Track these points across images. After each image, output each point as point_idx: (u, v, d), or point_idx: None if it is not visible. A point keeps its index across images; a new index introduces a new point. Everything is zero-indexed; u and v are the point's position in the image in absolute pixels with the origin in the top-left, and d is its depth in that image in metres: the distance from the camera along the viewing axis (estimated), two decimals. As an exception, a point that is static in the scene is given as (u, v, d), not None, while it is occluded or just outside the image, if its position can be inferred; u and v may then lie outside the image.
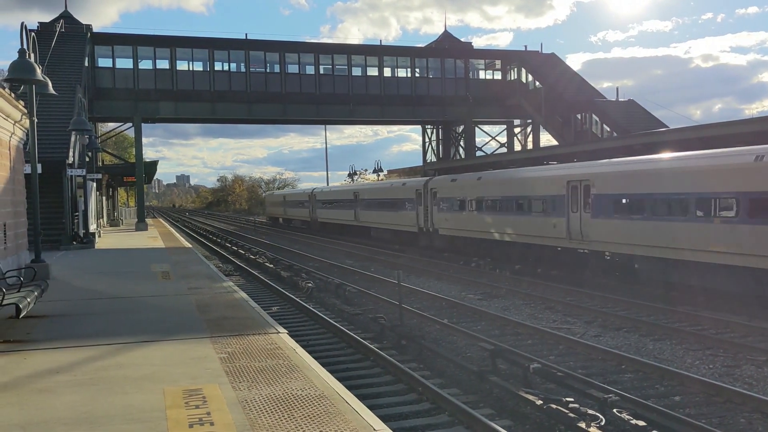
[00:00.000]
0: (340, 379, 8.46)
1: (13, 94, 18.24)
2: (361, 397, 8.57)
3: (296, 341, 10.22)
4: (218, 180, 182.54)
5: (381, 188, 41.76)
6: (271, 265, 27.67)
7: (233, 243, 41.65)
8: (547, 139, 54.41)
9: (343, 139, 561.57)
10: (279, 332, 10.52)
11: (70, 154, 29.83)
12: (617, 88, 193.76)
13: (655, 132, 28.82)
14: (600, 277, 21.40)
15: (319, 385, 7.52)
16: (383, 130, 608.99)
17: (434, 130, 59.12)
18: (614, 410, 8.82)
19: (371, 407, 7.79)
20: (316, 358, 9.62)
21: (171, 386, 7.43)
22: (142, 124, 47.15)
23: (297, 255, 34.62)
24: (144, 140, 47.22)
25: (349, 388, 8.32)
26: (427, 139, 59.96)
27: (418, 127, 61.25)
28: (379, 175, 68.41)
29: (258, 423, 6.22)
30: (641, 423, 8.50)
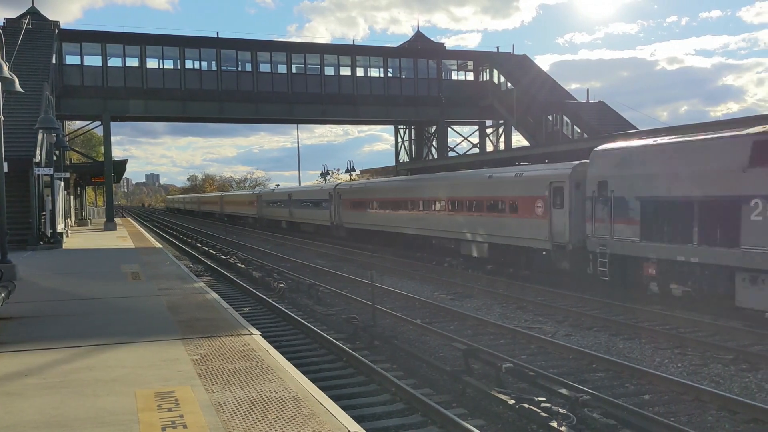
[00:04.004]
0: (313, 381, 8.44)
1: (-22, 92, 17.89)
2: (335, 398, 8.56)
3: (269, 342, 10.17)
4: (188, 179, 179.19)
5: (307, 191, 51.11)
6: (243, 266, 27.50)
7: (204, 243, 41.32)
8: (517, 140, 54.91)
9: (314, 139, 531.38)
10: (252, 333, 10.47)
11: (37, 152, 29.33)
12: (587, 90, 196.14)
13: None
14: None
15: (293, 386, 7.50)
16: (354, 130, 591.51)
17: (407, 130, 59.15)
18: (585, 409, 8.92)
19: (345, 408, 7.79)
20: (289, 360, 9.59)
21: (143, 389, 7.35)
22: (111, 123, 46.56)
23: (268, 255, 34.45)
24: (112, 138, 46.56)
25: (323, 389, 8.30)
26: (399, 139, 59.97)
27: (390, 127, 61.32)
28: (351, 175, 68.33)
29: (232, 425, 6.18)
30: (611, 422, 8.61)
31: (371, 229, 36.81)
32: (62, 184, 37.20)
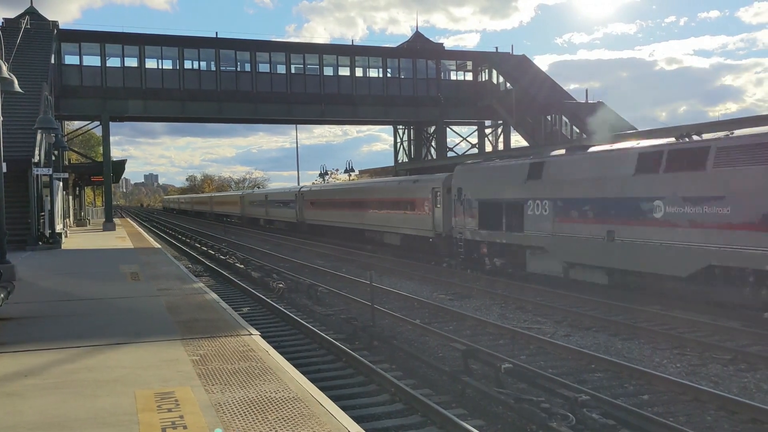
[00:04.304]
0: (313, 381, 8.45)
1: (-23, 92, 17.88)
2: (335, 399, 8.57)
3: (269, 343, 10.18)
4: (187, 179, 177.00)
5: (279, 192, 58.40)
6: (242, 266, 27.50)
7: (203, 243, 41.31)
8: (516, 140, 54.91)
9: (312, 139, 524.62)
10: (251, 334, 10.48)
11: (36, 152, 29.32)
12: (586, 90, 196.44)
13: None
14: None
15: (293, 387, 7.51)
16: (353, 130, 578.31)
17: (406, 131, 58.98)
18: (584, 409, 8.94)
19: (345, 409, 7.80)
20: (289, 360, 9.60)
21: (142, 389, 7.36)
22: (110, 123, 46.53)
23: (267, 255, 34.44)
24: (110, 138, 46.62)
25: (323, 389, 8.31)
26: (398, 139, 59.67)
27: (389, 127, 61.26)
28: (350, 175, 68.45)
29: (232, 426, 6.19)
30: (611, 422, 8.62)
31: (325, 224, 44.49)
32: (61, 184, 37.19)
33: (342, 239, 41.56)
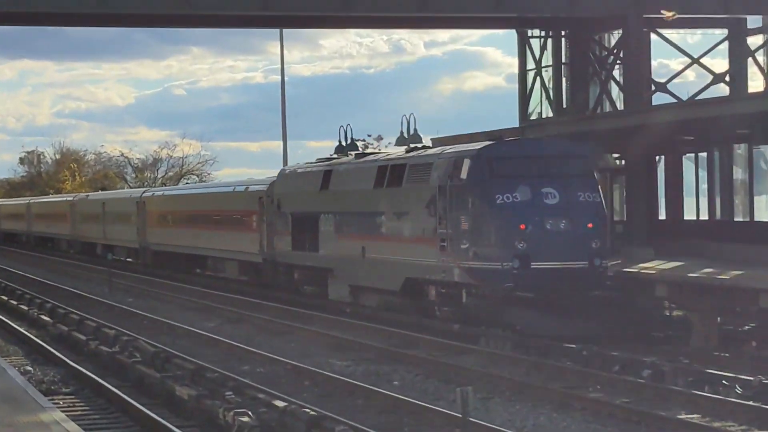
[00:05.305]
0: None
1: None
2: None
3: None
4: (21, 161, 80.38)
5: (118, 198, 41.49)
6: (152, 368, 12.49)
7: (43, 304, 21.33)
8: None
9: (320, 64, 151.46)
10: None
11: None
12: None
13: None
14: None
15: None
16: (414, 41, 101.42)
17: (549, 41, 25.52)
18: None
19: None
20: None
21: None
22: None
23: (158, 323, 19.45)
24: None
25: None
26: (532, 62, 25.91)
27: (506, 36, 34.86)
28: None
29: None
30: None
31: (170, 251, 32.22)
32: None
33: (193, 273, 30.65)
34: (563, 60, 25.23)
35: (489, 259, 14.70)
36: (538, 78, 25.47)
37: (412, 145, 20.01)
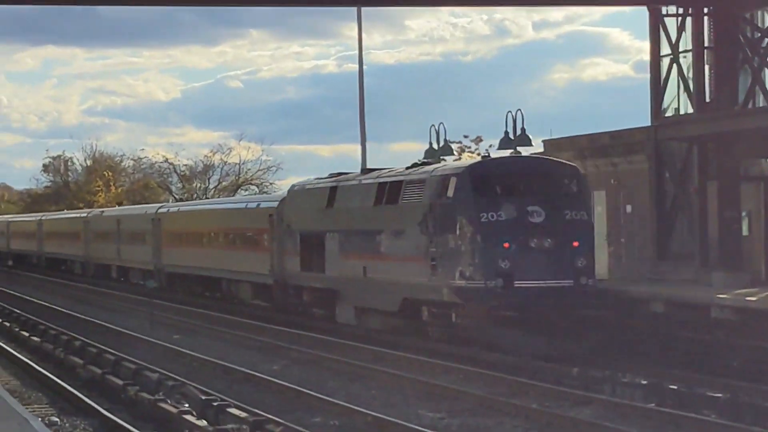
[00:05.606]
0: None
1: None
2: None
3: None
4: (45, 168, 69.46)
5: (133, 215, 38.94)
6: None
7: (71, 344, 18.30)
8: None
9: (406, 49, 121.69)
10: None
11: None
12: None
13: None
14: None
15: None
16: (520, 20, 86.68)
17: (684, 22, 20.39)
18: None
19: None
20: None
21: None
22: None
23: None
24: None
25: None
26: (666, 47, 20.92)
27: (633, 14, 33.94)
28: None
29: None
30: None
31: (185, 272, 30.81)
32: None
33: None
34: (706, 44, 20.21)
35: (473, 278, 14.73)
36: (674, 66, 20.51)
37: (421, 160, 19.64)
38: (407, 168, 19.02)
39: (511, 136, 17.80)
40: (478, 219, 14.79)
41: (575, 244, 14.72)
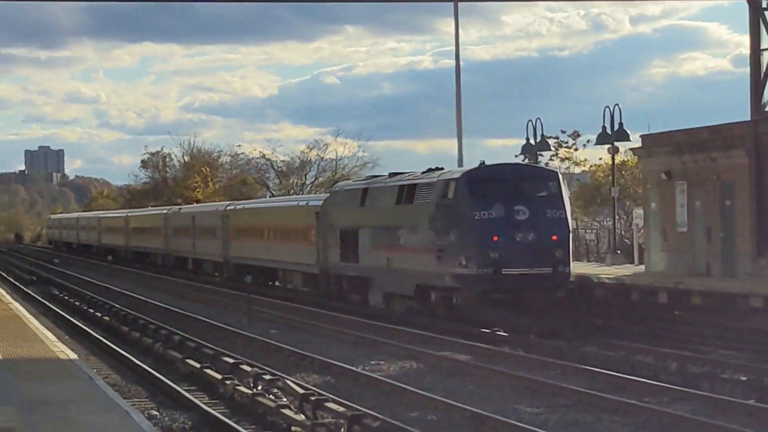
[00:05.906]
0: None
1: None
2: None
3: None
4: (144, 164, 71.47)
5: (205, 212, 42.37)
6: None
7: (165, 335, 18.72)
8: None
9: (502, 45, 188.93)
10: None
11: None
12: None
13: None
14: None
15: None
16: (617, 14, 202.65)
17: None
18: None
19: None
20: None
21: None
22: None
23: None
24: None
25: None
26: (765, 40, 20.26)
27: (728, 8, 29.53)
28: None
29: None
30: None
31: (250, 264, 33.16)
32: None
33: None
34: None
35: (469, 266, 17.64)
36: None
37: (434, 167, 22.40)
38: (422, 173, 21.83)
39: (609, 131, 18.98)
40: (472, 216, 17.71)
41: (554, 237, 17.63)
